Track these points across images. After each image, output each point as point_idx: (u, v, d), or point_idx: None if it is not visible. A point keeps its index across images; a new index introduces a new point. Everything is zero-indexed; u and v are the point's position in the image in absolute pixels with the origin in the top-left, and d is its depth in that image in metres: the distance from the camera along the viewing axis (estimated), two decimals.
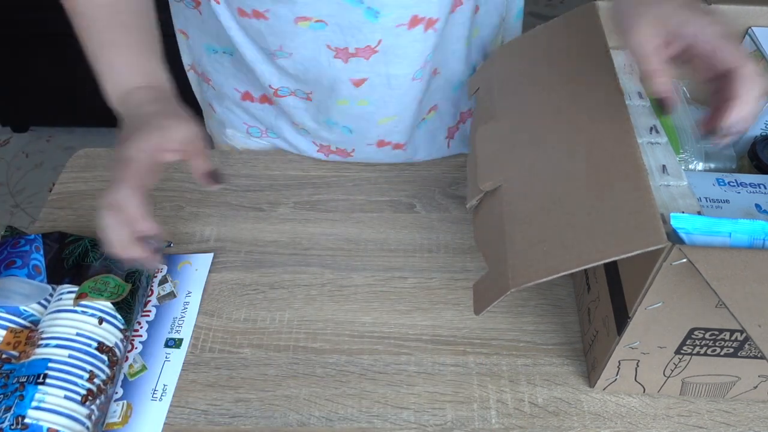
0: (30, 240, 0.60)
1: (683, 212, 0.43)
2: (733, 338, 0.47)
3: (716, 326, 0.46)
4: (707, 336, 0.47)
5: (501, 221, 0.49)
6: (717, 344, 0.48)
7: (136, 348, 0.59)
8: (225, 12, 0.61)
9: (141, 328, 0.60)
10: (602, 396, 0.55)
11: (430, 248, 0.67)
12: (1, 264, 0.57)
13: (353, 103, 0.67)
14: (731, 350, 0.48)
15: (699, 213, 0.46)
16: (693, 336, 0.47)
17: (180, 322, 0.61)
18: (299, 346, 0.59)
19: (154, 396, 0.56)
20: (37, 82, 1.80)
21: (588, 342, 0.57)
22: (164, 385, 0.56)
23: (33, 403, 0.48)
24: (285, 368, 0.58)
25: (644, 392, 0.55)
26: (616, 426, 0.54)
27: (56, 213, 0.71)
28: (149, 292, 0.63)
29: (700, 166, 0.58)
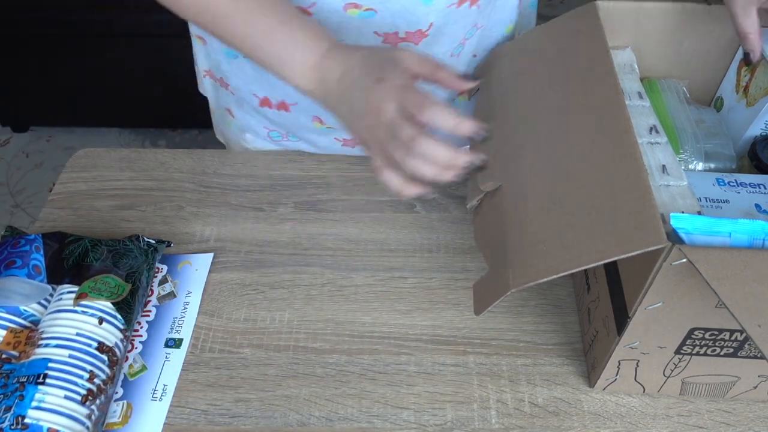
0: (30, 240, 0.60)
1: (683, 212, 0.44)
2: (733, 338, 0.47)
3: (716, 326, 0.46)
4: (707, 336, 0.47)
5: (501, 221, 0.49)
6: (717, 344, 0.48)
7: (136, 348, 0.59)
8: None
9: (141, 328, 0.60)
10: (602, 396, 0.56)
11: (430, 248, 0.67)
12: (1, 264, 0.57)
13: None
14: (731, 350, 0.48)
15: (699, 213, 0.46)
16: (693, 336, 0.47)
17: (180, 322, 0.61)
18: (299, 346, 0.59)
19: (154, 396, 0.56)
20: (37, 82, 1.79)
21: (588, 342, 0.57)
22: (164, 385, 0.56)
23: (33, 403, 0.48)
24: (285, 368, 0.58)
25: (644, 392, 0.55)
26: (616, 426, 0.54)
27: (56, 213, 0.71)
28: (149, 292, 0.63)
29: (700, 166, 0.58)
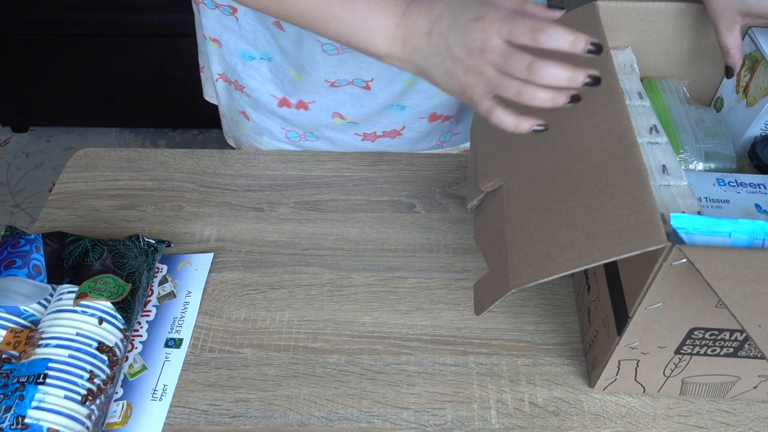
0: (30, 240, 0.60)
1: (683, 212, 0.44)
2: (733, 338, 0.47)
3: (716, 326, 0.46)
4: (707, 336, 0.47)
5: (501, 221, 0.49)
6: (717, 344, 0.48)
7: (136, 348, 0.59)
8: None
9: (141, 328, 0.60)
10: (602, 396, 0.56)
11: (430, 248, 0.67)
12: (1, 264, 0.57)
13: (417, 79, 0.67)
14: (731, 350, 0.48)
15: (699, 213, 0.46)
16: (693, 336, 0.47)
17: (180, 322, 0.61)
18: (299, 346, 0.59)
19: (154, 396, 0.56)
20: (37, 82, 1.80)
21: (588, 342, 0.57)
22: (164, 385, 0.56)
23: (33, 403, 0.48)
24: (285, 368, 0.58)
25: (644, 392, 0.55)
26: (616, 426, 0.54)
27: (56, 213, 0.71)
28: (149, 292, 0.63)
29: (700, 166, 0.58)
